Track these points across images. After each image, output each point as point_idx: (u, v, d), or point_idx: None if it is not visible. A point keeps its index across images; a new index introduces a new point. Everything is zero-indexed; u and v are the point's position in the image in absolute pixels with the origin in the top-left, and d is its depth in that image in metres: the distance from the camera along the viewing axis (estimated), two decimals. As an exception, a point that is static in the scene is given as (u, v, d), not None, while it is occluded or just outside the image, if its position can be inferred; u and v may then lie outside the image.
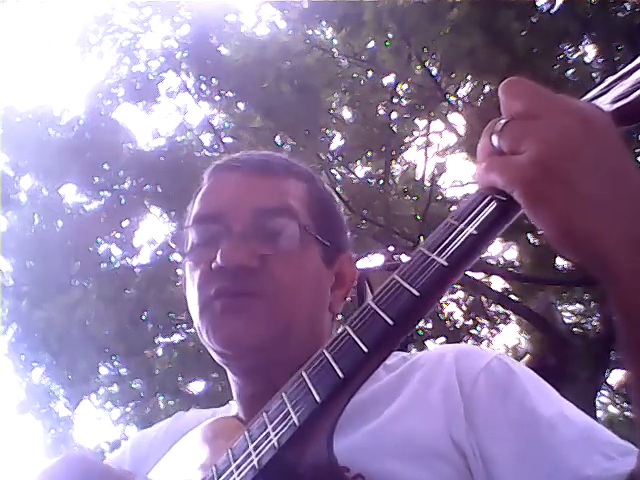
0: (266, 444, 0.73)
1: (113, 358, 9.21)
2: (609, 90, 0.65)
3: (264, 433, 0.74)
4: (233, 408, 1.05)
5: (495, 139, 0.65)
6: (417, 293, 0.67)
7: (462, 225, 0.67)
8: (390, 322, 0.67)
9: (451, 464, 0.83)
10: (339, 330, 0.73)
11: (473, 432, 0.84)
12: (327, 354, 0.72)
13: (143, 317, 8.94)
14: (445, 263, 0.66)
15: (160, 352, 9.43)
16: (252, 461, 0.73)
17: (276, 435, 0.72)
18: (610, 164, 0.61)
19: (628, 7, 7.00)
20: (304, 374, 0.73)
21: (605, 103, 0.64)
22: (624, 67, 0.65)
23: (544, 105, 0.63)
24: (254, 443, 0.75)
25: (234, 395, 1.03)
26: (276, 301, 0.94)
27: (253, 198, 0.97)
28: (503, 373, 0.90)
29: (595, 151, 0.60)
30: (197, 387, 9.29)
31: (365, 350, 0.68)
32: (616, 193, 0.60)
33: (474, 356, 0.93)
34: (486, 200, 0.67)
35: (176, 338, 9.31)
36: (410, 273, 0.69)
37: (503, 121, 0.65)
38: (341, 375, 0.69)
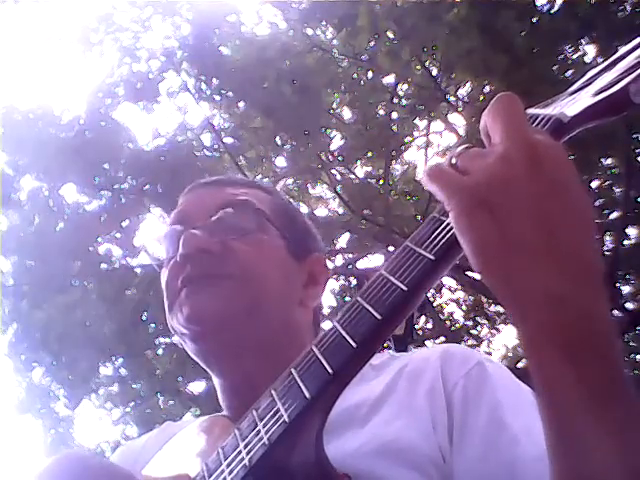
0: (256, 442, 0.72)
1: (113, 358, 9.22)
2: (593, 82, 0.65)
3: (254, 431, 0.74)
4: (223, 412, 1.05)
5: (454, 160, 0.66)
6: (405, 288, 0.67)
7: (448, 219, 0.67)
8: (378, 317, 0.67)
9: (436, 469, 0.82)
10: (328, 326, 0.73)
11: (450, 438, 0.84)
12: (316, 350, 0.72)
13: (143, 317, 8.94)
14: (432, 257, 0.66)
15: (160, 352, 9.43)
16: (243, 459, 0.73)
17: (266, 432, 0.72)
18: (550, 214, 0.59)
19: (628, 7, 7.01)
20: (293, 371, 0.73)
21: (589, 95, 0.64)
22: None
23: (506, 133, 0.63)
24: (244, 441, 0.74)
25: (219, 396, 1.03)
26: (241, 279, 0.95)
27: (215, 199, 1.02)
28: (480, 381, 0.89)
29: (537, 195, 0.59)
30: (197, 387, 9.30)
31: (354, 345, 0.68)
32: (544, 243, 0.59)
33: (458, 360, 0.92)
34: None
35: (176, 339, 9.29)
36: (398, 268, 0.69)
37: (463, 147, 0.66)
38: (330, 371, 0.69)
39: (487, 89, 8.34)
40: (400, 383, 0.92)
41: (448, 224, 0.66)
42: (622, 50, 0.63)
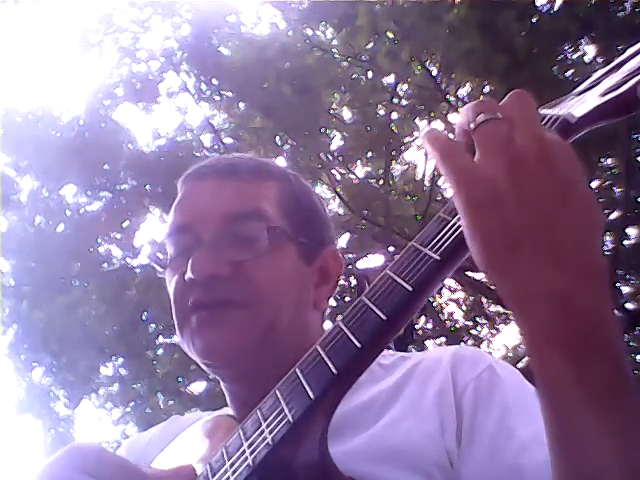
0: (260, 441, 0.72)
1: (113, 358, 9.22)
2: (599, 83, 0.65)
3: (258, 430, 0.74)
4: (229, 411, 1.05)
5: (472, 126, 0.64)
6: (410, 288, 0.66)
7: (454, 219, 0.67)
8: (383, 317, 0.67)
9: (442, 472, 0.82)
10: (332, 326, 0.73)
11: (458, 441, 0.84)
12: (320, 350, 0.72)
13: (143, 318, 8.94)
14: (438, 257, 0.66)
15: (160, 352, 9.43)
16: (246, 459, 0.73)
17: (270, 432, 0.72)
18: (559, 215, 0.59)
19: (628, 7, 7.00)
20: (297, 371, 0.73)
21: (596, 95, 0.64)
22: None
23: (522, 132, 0.62)
24: (248, 441, 0.74)
25: (228, 401, 1.03)
26: (253, 307, 0.93)
27: (221, 204, 0.96)
28: (490, 384, 0.89)
29: (548, 196, 0.59)
30: (198, 387, 9.30)
31: (358, 346, 0.68)
32: (550, 243, 0.59)
33: (469, 363, 0.92)
34: None
35: (177, 339, 9.26)
36: (403, 268, 0.69)
37: (487, 116, 0.64)
38: (335, 371, 0.68)
39: (487, 89, 8.33)
40: (411, 382, 0.92)
41: (454, 224, 0.66)
42: (630, 51, 0.63)
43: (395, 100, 9.52)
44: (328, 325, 0.95)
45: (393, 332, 0.69)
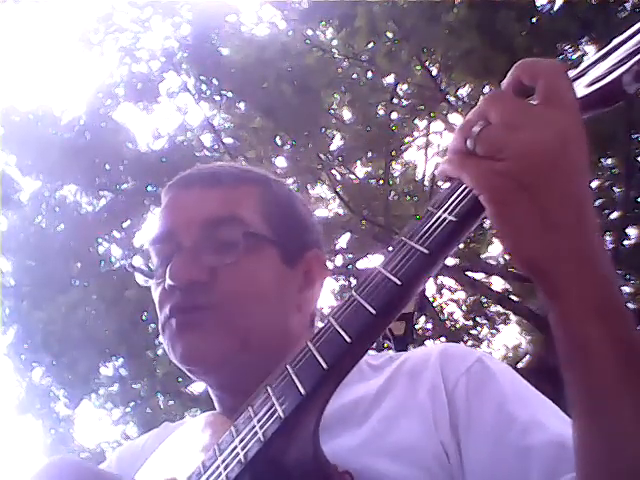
0: (252, 438, 0.72)
1: (113, 358, 9.23)
2: (586, 73, 0.65)
3: (249, 426, 0.74)
4: None
5: (470, 142, 0.65)
6: (399, 282, 0.66)
7: (441, 212, 0.67)
8: (373, 312, 0.67)
9: (440, 465, 0.82)
10: (324, 322, 0.73)
11: (454, 436, 0.84)
12: (311, 346, 0.72)
13: (143, 318, 8.95)
14: (426, 251, 0.66)
15: (160, 352, 9.43)
16: (238, 455, 0.73)
17: (262, 428, 0.72)
18: (575, 189, 0.63)
19: (628, 7, 7.00)
20: (288, 367, 0.73)
21: (582, 86, 0.64)
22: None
23: (528, 116, 0.64)
24: (239, 437, 0.74)
25: (215, 405, 1.02)
26: (229, 312, 0.93)
27: (201, 211, 0.97)
28: (482, 376, 0.89)
29: (567, 175, 0.63)
30: (198, 387, 9.31)
31: (348, 340, 0.68)
32: (574, 219, 0.62)
33: (457, 358, 0.92)
34: (463, 186, 0.67)
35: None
36: (392, 262, 0.69)
37: (479, 127, 0.65)
38: (325, 366, 0.68)
39: (487, 89, 8.34)
40: (399, 380, 0.92)
41: (442, 217, 0.66)
42: (616, 41, 0.64)
43: (395, 100, 9.54)
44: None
45: (383, 326, 0.69)
